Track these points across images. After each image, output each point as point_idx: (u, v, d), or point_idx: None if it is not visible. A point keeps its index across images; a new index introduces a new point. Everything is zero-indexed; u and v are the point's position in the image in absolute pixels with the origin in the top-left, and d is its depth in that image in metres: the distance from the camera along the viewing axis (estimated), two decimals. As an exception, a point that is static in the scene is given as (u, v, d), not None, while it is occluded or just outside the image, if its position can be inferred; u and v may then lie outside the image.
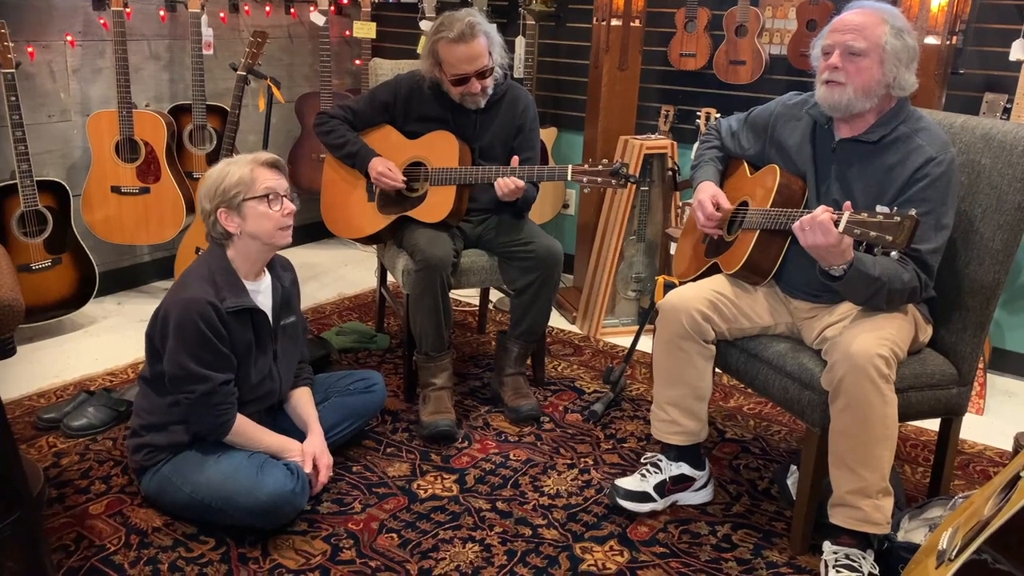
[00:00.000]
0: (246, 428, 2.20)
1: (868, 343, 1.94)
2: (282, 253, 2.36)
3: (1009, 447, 2.70)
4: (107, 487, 2.36)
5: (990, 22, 3.14)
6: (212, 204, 2.16)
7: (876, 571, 2.02)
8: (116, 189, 3.53)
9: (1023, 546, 1.44)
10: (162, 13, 3.78)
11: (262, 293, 2.26)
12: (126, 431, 2.56)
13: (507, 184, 2.64)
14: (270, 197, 2.17)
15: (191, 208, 3.60)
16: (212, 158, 3.71)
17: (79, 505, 2.28)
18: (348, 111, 2.92)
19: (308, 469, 2.23)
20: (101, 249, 3.60)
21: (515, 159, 2.69)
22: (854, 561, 2.01)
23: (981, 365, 3.08)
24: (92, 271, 3.42)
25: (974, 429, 2.84)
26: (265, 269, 2.28)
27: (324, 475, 2.28)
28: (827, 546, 2.08)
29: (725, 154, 2.52)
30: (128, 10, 3.48)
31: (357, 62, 4.53)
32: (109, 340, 3.35)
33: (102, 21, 3.56)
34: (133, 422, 2.26)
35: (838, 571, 2.00)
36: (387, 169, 2.79)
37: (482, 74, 2.72)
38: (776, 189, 2.24)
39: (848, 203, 1.92)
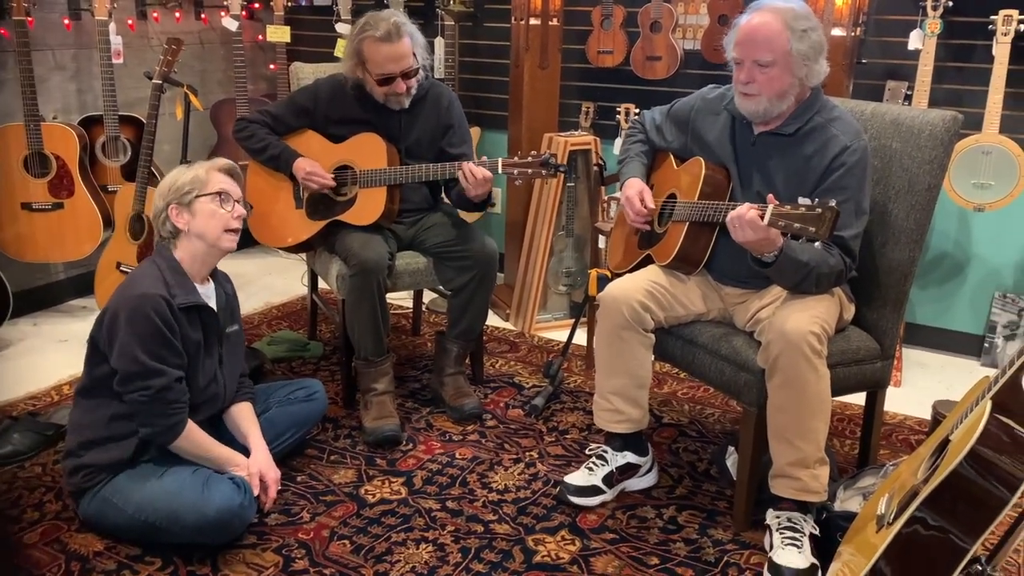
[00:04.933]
0: (195, 434, 2.16)
1: (801, 322, 2.03)
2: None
3: (927, 416, 2.85)
4: (40, 514, 2.27)
5: (889, 14, 3.31)
6: (165, 201, 2.19)
7: (816, 531, 2.12)
8: (27, 206, 3.40)
9: (956, 503, 1.54)
10: (66, 22, 3.64)
11: (210, 298, 2.25)
12: (57, 455, 2.48)
13: (474, 172, 2.59)
14: (222, 196, 2.20)
15: (108, 222, 3.48)
16: (127, 170, 3.59)
17: (11, 536, 2.19)
18: (268, 116, 2.88)
19: (256, 489, 2.20)
20: (13, 269, 3.45)
21: (483, 158, 2.67)
22: (796, 523, 2.11)
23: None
24: (4, 292, 3.27)
25: (893, 401, 2.97)
26: (210, 277, 2.28)
27: (273, 490, 2.25)
28: (770, 513, 2.17)
29: (651, 147, 2.58)
30: (30, 19, 3.34)
31: (272, 67, 4.46)
32: (28, 362, 3.22)
33: (2, 31, 3.40)
34: (69, 441, 2.19)
35: (782, 532, 2.09)
36: (314, 169, 2.77)
37: (407, 74, 2.72)
38: (702, 180, 2.31)
39: (771, 196, 2.00)
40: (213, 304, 2.26)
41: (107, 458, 2.12)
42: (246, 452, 2.29)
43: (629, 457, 2.39)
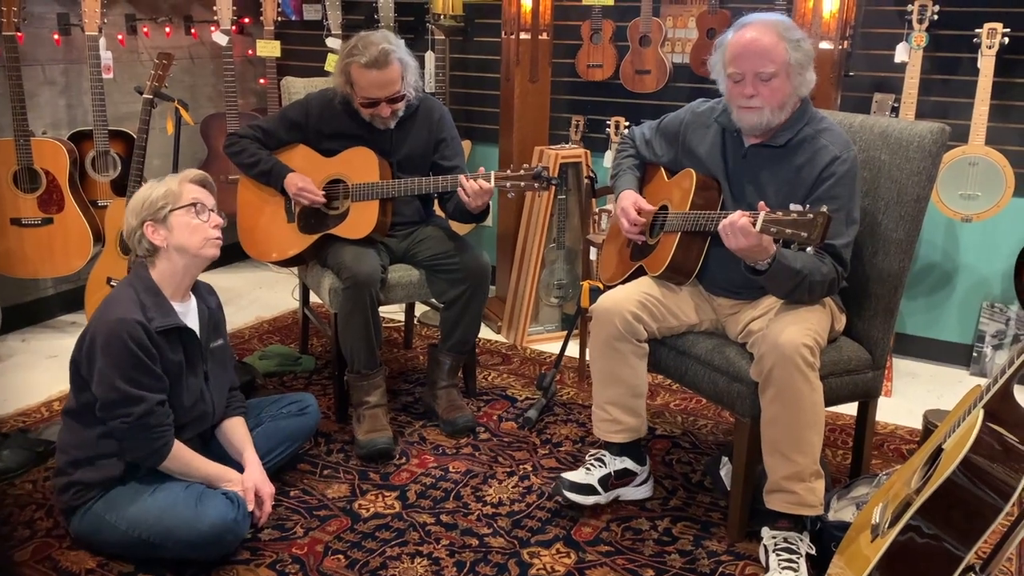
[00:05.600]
0: (183, 454, 2.14)
1: (794, 334, 2.04)
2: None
3: (918, 425, 2.87)
4: (31, 532, 2.25)
5: (875, 27, 3.35)
6: (138, 219, 2.14)
7: (812, 550, 2.12)
8: (16, 221, 3.38)
9: (950, 511, 1.55)
10: (56, 37, 3.64)
11: (189, 315, 2.21)
12: (48, 472, 2.47)
13: (473, 187, 2.59)
14: (197, 207, 2.16)
15: (98, 237, 3.47)
16: (117, 185, 3.59)
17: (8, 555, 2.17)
18: (258, 130, 2.88)
19: (251, 504, 2.18)
20: (2, 284, 3.44)
21: (480, 169, 2.66)
22: (792, 544, 2.10)
23: (886, 350, 3.26)
24: (-7, 308, 3.26)
25: (884, 410, 3.00)
26: (190, 292, 2.24)
27: (268, 505, 2.24)
28: (766, 532, 2.17)
29: (641, 161, 2.59)
30: (20, 34, 3.34)
31: (262, 81, 4.46)
32: (17, 379, 3.20)
33: (-8, 46, 3.40)
34: (59, 460, 2.17)
35: (778, 554, 2.09)
36: (305, 184, 2.77)
37: (393, 99, 2.72)
38: (693, 192, 2.32)
39: (762, 203, 2.01)
40: (195, 320, 2.22)
41: (97, 476, 2.10)
42: (238, 467, 2.28)
43: (627, 463, 2.40)
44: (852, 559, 1.82)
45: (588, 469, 2.40)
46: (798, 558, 2.07)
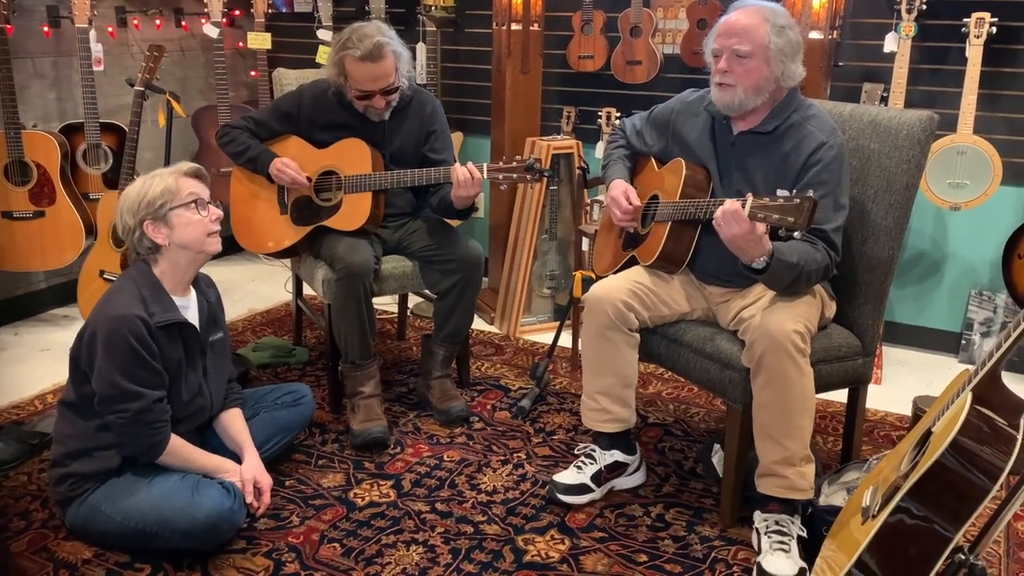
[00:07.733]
0: (180, 448, 2.15)
1: (784, 321, 2.07)
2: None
3: (907, 412, 2.90)
4: (27, 523, 2.26)
5: (864, 17, 3.36)
6: (136, 218, 2.11)
7: (804, 532, 2.15)
8: (7, 214, 3.38)
9: (940, 494, 1.57)
10: (46, 29, 3.62)
11: (190, 309, 2.21)
12: (43, 464, 2.47)
13: (464, 173, 2.57)
14: (197, 203, 2.14)
15: (90, 230, 3.47)
16: (108, 177, 3.58)
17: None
18: (250, 121, 2.89)
19: (249, 496, 2.20)
20: (-8, 278, 3.44)
21: (469, 164, 2.64)
22: (783, 526, 2.13)
23: (876, 338, 3.29)
24: (-15, 301, 3.26)
25: (875, 398, 3.01)
26: (191, 286, 2.24)
27: (267, 496, 2.25)
28: (757, 515, 2.20)
29: (632, 152, 2.61)
30: (9, 26, 3.33)
31: (253, 74, 4.45)
32: (10, 372, 3.19)
33: (-19, 39, 3.39)
34: (54, 451, 2.17)
35: (770, 536, 2.11)
36: (285, 164, 2.76)
37: (387, 91, 2.73)
38: (683, 181, 2.34)
39: (750, 193, 2.03)
40: (195, 314, 2.22)
41: (94, 468, 2.11)
42: (234, 458, 2.29)
43: (617, 455, 2.41)
44: (843, 542, 1.84)
45: (579, 468, 2.41)
46: (789, 539, 2.10)
